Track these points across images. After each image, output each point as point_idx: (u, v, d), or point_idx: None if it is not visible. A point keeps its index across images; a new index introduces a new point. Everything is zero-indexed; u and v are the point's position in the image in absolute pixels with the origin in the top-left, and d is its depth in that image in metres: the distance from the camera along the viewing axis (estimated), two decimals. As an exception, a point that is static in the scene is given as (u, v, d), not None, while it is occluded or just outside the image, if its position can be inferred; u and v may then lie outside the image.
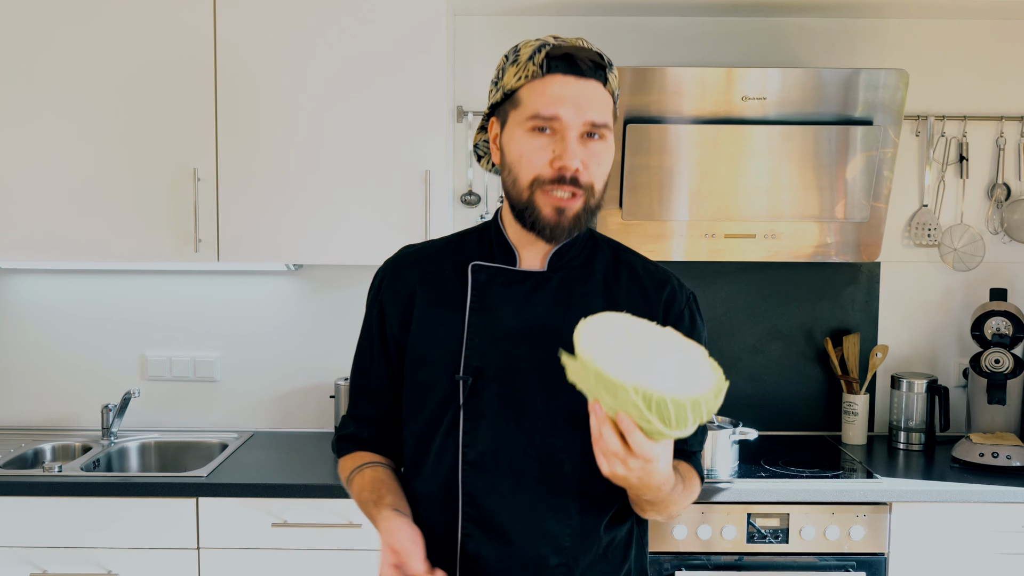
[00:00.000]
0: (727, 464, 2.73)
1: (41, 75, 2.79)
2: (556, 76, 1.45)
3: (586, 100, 1.45)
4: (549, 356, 1.48)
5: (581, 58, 1.46)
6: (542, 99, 1.45)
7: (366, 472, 1.62)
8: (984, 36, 3.15)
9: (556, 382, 1.45)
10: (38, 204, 2.82)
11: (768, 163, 2.86)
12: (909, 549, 2.64)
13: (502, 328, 1.53)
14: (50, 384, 3.21)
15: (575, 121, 1.45)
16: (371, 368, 1.65)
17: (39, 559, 2.61)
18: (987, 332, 2.99)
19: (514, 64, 1.49)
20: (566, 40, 1.49)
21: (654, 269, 1.64)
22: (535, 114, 1.45)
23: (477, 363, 1.52)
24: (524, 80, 1.47)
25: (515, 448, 1.51)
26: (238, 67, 2.78)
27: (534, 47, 1.48)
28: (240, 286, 3.20)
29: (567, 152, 1.45)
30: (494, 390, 1.51)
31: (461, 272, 1.58)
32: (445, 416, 1.53)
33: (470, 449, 1.52)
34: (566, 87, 1.45)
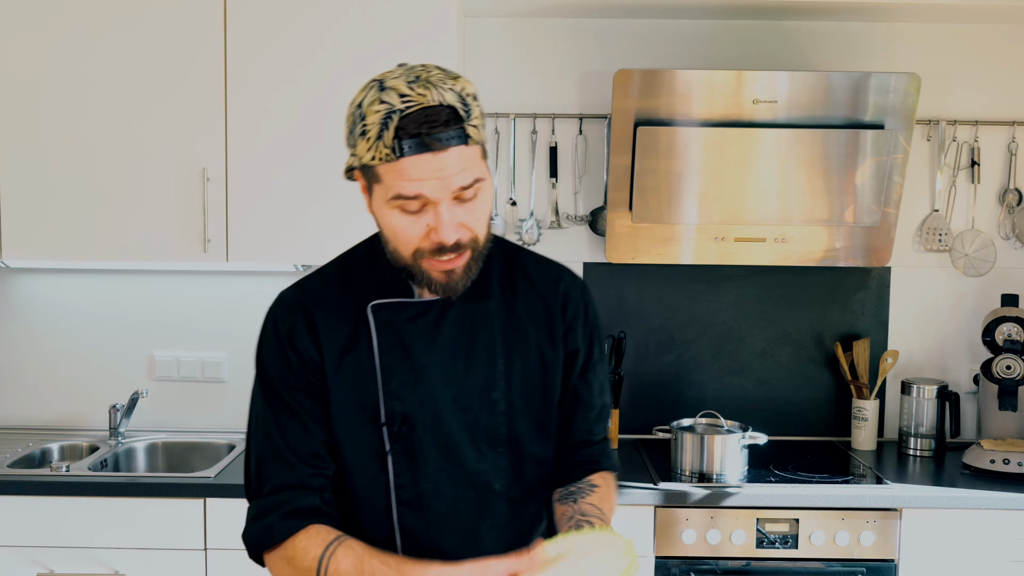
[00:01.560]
0: (736, 469, 2.72)
1: (49, 73, 2.79)
2: (411, 158, 1.34)
3: (448, 171, 1.35)
4: (463, 385, 1.51)
5: (434, 134, 1.33)
6: (401, 181, 1.35)
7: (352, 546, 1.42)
8: (996, 41, 3.14)
9: (474, 407, 1.52)
10: (46, 203, 2.81)
11: (778, 167, 2.85)
12: (919, 556, 2.62)
13: (415, 366, 1.50)
14: (58, 384, 3.21)
15: (441, 194, 1.36)
16: (304, 413, 1.50)
17: (46, 559, 2.61)
18: (998, 338, 2.98)
19: (363, 137, 1.36)
20: (414, 98, 1.33)
21: (545, 267, 1.64)
22: (397, 195, 1.37)
23: (398, 407, 1.49)
24: (379, 160, 1.36)
25: (448, 482, 1.52)
26: (248, 67, 2.78)
27: (380, 119, 1.34)
28: (248, 287, 3.19)
29: (440, 227, 1.38)
30: (419, 431, 1.50)
31: (360, 312, 1.51)
32: (372, 462, 1.51)
33: (403, 491, 1.51)
34: (424, 166, 1.34)
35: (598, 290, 3.16)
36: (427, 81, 1.35)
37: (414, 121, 1.32)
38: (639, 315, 3.17)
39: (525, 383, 1.56)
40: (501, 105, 3.13)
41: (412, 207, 1.37)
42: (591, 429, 1.65)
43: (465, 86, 1.38)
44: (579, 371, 1.63)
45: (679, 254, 3.01)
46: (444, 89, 1.35)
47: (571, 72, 3.14)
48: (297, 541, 1.43)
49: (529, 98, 3.14)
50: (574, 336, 1.61)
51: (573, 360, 1.62)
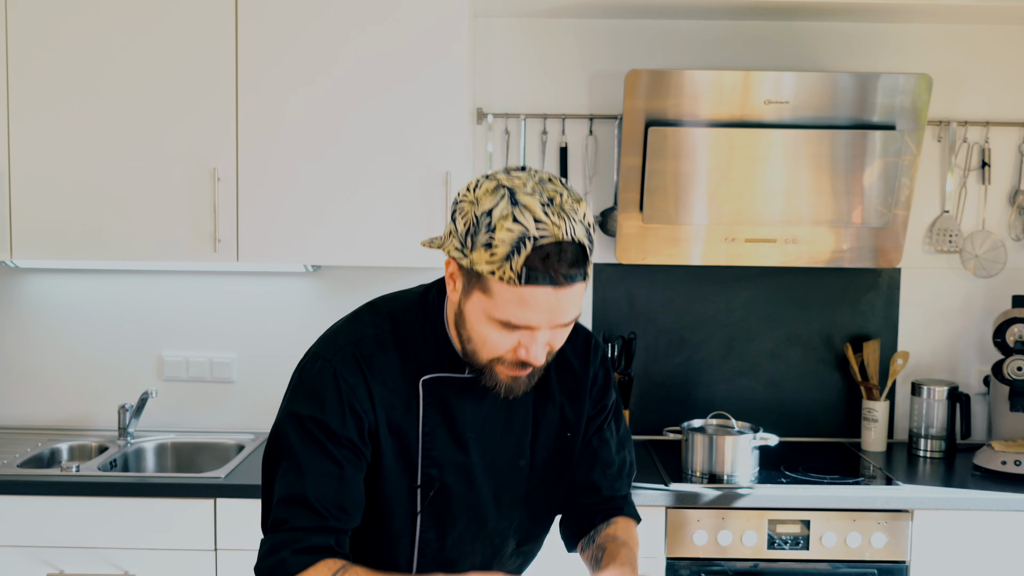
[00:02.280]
0: (747, 470, 2.71)
1: (60, 73, 2.79)
2: (535, 288, 1.33)
3: (563, 309, 1.36)
4: (495, 453, 1.57)
5: (563, 272, 1.32)
6: (516, 309, 1.35)
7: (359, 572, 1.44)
8: (1007, 42, 3.13)
9: (501, 474, 1.58)
10: (58, 203, 2.81)
11: (788, 167, 2.85)
12: (931, 557, 2.61)
13: (455, 437, 1.54)
14: (67, 384, 3.21)
15: (548, 326, 1.38)
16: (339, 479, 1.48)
17: (56, 559, 2.61)
18: (1009, 339, 2.97)
19: (487, 249, 1.33)
20: (548, 228, 1.31)
21: (575, 338, 1.64)
22: (506, 321, 1.37)
23: (435, 474, 1.53)
24: (497, 279, 1.34)
25: (469, 543, 1.60)
26: (259, 68, 2.78)
27: (512, 240, 1.31)
28: (258, 287, 3.19)
29: (534, 353, 1.40)
30: (449, 498, 1.55)
31: (412, 382, 1.52)
32: (402, 520, 1.55)
33: (428, 547, 1.57)
34: (543, 300, 1.34)
35: (608, 291, 3.16)
36: (561, 209, 1.33)
37: (546, 255, 1.31)
38: (649, 316, 3.17)
39: (547, 447, 1.62)
40: (511, 106, 3.13)
41: (511, 328, 1.38)
42: (613, 486, 1.70)
43: (587, 213, 1.37)
44: (596, 428, 1.68)
45: (689, 255, 3.01)
46: (575, 221, 1.34)
47: (581, 72, 3.14)
48: (307, 572, 1.44)
49: (539, 98, 3.13)
50: (592, 400, 1.67)
51: (594, 418, 1.68)
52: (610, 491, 1.70)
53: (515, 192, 1.34)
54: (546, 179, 1.38)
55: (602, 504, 1.71)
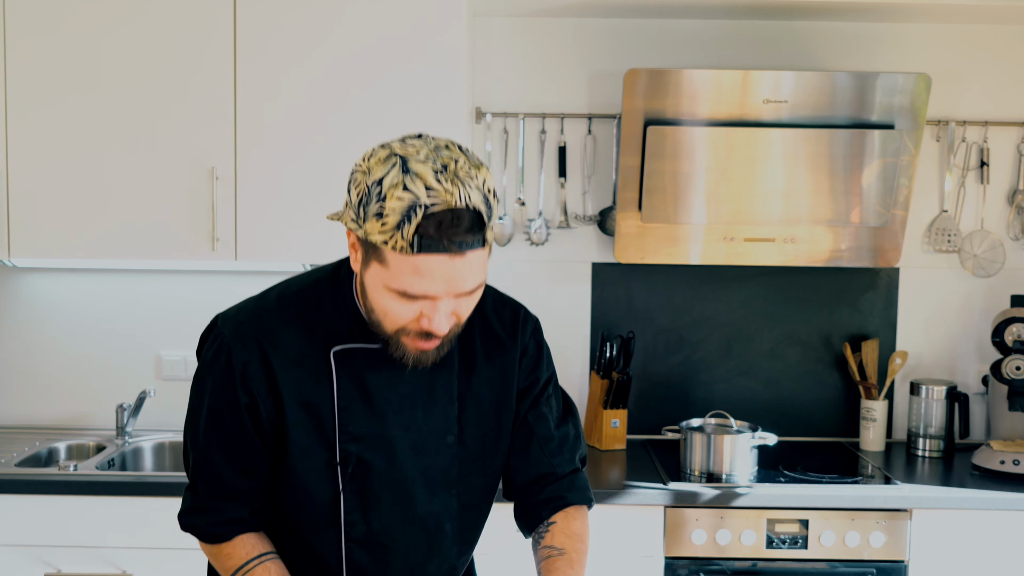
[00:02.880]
0: (746, 469, 2.71)
1: (57, 71, 2.78)
2: (428, 256, 1.30)
3: (461, 276, 1.33)
4: (420, 430, 1.52)
5: (456, 240, 1.29)
6: (411, 279, 1.32)
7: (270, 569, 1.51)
8: (1006, 41, 3.13)
9: (429, 452, 1.53)
10: (56, 202, 2.81)
11: (787, 167, 2.85)
12: (929, 557, 2.61)
13: (373, 410, 1.50)
14: (65, 383, 3.20)
15: (446, 295, 1.35)
16: (247, 444, 1.50)
17: (54, 558, 2.60)
18: (1008, 339, 2.97)
19: (378, 219, 1.31)
20: (440, 195, 1.28)
21: (501, 308, 1.63)
22: (403, 291, 1.34)
23: (353, 449, 1.50)
24: (390, 249, 1.31)
25: (399, 523, 1.54)
26: (257, 67, 2.77)
27: (403, 208, 1.28)
28: (256, 287, 3.15)
29: (436, 323, 1.37)
30: (372, 472, 1.51)
31: (322, 354, 1.49)
32: (324, 499, 1.52)
33: (354, 529, 1.53)
34: (437, 268, 1.31)
35: (606, 290, 3.16)
36: (455, 175, 1.30)
37: (438, 223, 1.28)
38: (648, 315, 3.17)
39: (478, 425, 1.58)
40: (510, 105, 3.12)
41: (411, 297, 1.35)
42: (551, 462, 1.64)
43: (487, 179, 1.34)
44: (530, 403, 1.63)
45: (688, 254, 3.01)
46: (471, 187, 1.30)
47: (580, 72, 3.13)
48: (228, 548, 1.53)
49: (538, 98, 3.13)
50: (523, 372, 1.63)
51: (526, 393, 1.63)
52: (549, 468, 1.63)
53: (407, 160, 1.31)
54: (442, 145, 1.35)
55: (546, 486, 1.64)
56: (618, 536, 2.58)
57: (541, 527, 1.62)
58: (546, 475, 1.64)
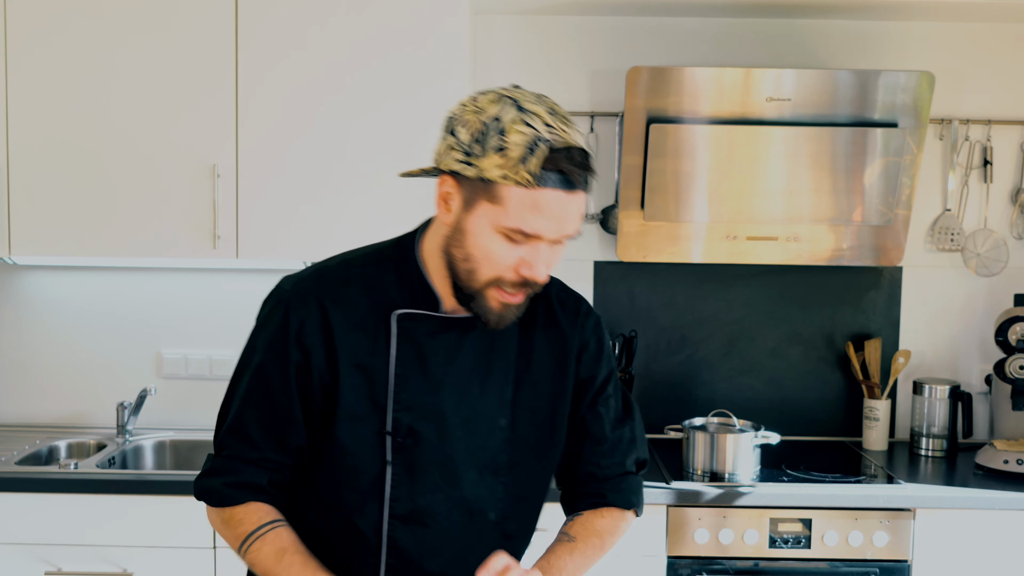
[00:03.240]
0: (748, 468, 2.70)
1: (59, 68, 2.78)
2: (548, 191, 1.31)
3: (571, 215, 1.35)
4: (473, 408, 1.49)
5: (577, 171, 1.32)
6: (529, 215, 1.32)
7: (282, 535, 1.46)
8: (1009, 40, 3.12)
9: (480, 432, 1.50)
10: (57, 199, 2.80)
11: (790, 165, 2.84)
12: (933, 556, 2.60)
13: (429, 381, 1.47)
14: (66, 381, 3.19)
15: (554, 235, 1.36)
16: (285, 409, 1.47)
17: (54, 557, 2.59)
18: (1011, 338, 2.96)
19: (499, 152, 1.31)
20: (558, 133, 1.32)
21: (565, 297, 1.61)
22: (518, 229, 1.34)
23: (405, 419, 1.46)
24: (511, 182, 1.31)
25: (444, 503, 1.50)
26: (260, 64, 2.77)
27: (527, 142, 1.30)
28: (258, 285, 3.15)
29: (538, 264, 1.37)
30: (423, 446, 1.47)
31: (382, 317, 1.47)
32: (370, 471, 1.48)
33: (398, 504, 1.48)
34: (556, 204, 1.33)
35: (609, 288, 3.15)
36: (564, 118, 1.34)
37: (564, 157, 1.31)
38: (650, 314, 3.16)
39: (532, 413, 1.55)
40: (512, 103, 3.11)
41: (519, 238, 1.35)
42: (599, 463, 1.62)
43: None
44: (588, 402, 1.61)
45: (690, 253, 3.00)
46: (576, 131, 1.35)
47: (582, 70, 3.13)
48: (235, 510, 1.47)
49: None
50: (583, 367, 1.61)
51: (584, 389, 1.61)
52: (596, 468, 1.61)
53: (519, 101, 1.34)
54: (541, 95, 1.38)
55: (589, 484, 1.62)
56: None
57: (570, 517, 1.63)
58: (591, 475, 1.62)
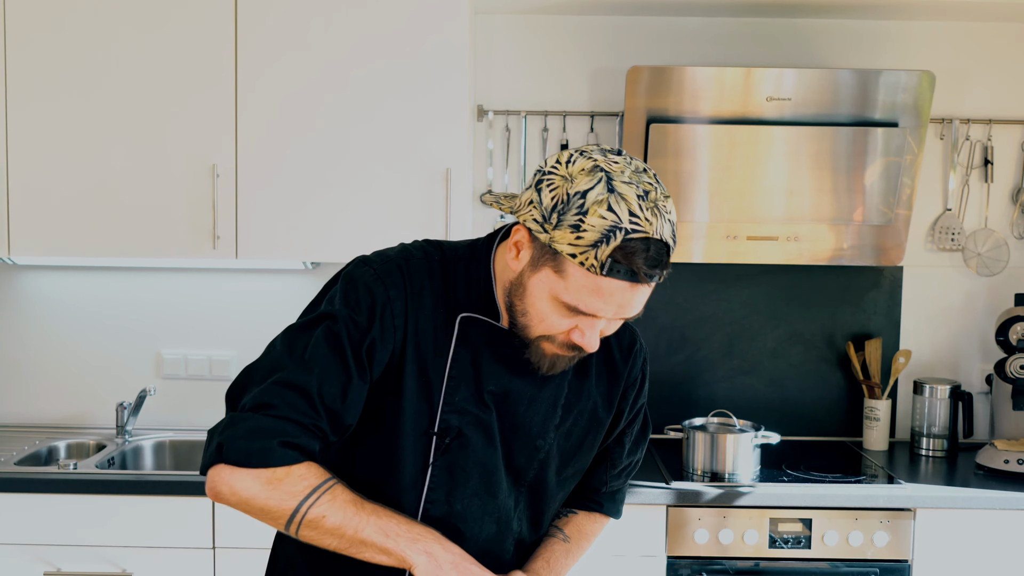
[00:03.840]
0: (749, 468, 2.70)
1: (59, 70, 2.77)
2: (614, 281, 1.29)
3: (634, 305, 1.33)
4: (519, 423, 1.49)
5: (649, 269, 1.29)
6: (588, 297, 1.31)
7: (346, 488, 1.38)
8: (1010, 39, 3.12)
9: (519, 446, 1.51)
10: (56, 200, 2.80)
11: (790, 164, 2.83)
12: (933, 556, 2.60)
13: (480, 388, 1.46)
14: (65, 381, 3.19)
15: (612, 318, 1.35)
16: (352, 382, 1.40)
17: (53, 557, 2.59)
18: (1012, 337, 2.95)
19: (573, 230, 1.28)
20: (641, 224, 1.27)
21: (622, 332, 1.60)
22: (574, 307, 1.32)
23: (454, 421, 1.45)
24: (577, 263, 1.29)
25: (479, 509, 1.50)
26: (259, 64, 2.76)
27: (604, 228, 1.26)
28: (257, 285, 3.18)
29: (589, 339, 1.36)
30: (466, 452, 1.46)
31: (447, 316, 1.45)
32: (411, 469, 1.45)
33: (433, 507, 1.47)
34: (618, 294, 1.30)
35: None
36: (655, 204, 1.29)
37: (635, 252, 1.27)
38: (650, 314, 3.11)
39: (568, 439, 1.56)
40: (512, 102, 3.11)
41: (575, 313, 1.34)
42: (608, 482, 1.70)
43: (673, 211, 1.33)
44: (619, 432, 1.66)
45: (690, 252, 2.99)
46: (665, 219, 1.30)
47: (583, 69, 3.12)
48: (290, 468, 1.34)
49: (540, 95, 3.12)
50: (625, 401, 1.63)
51: (618, 420, 1.64)
52: (602, 484, 1.70)
53: (612, 178, 1.29)
54: (641, 169, 1.33)
55: (590, 495, 1.71)
56: (620, 535, 2.56)
57: (563, 512, 1.68)
58: (595, 489, 1.70)
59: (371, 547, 1.34)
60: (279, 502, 1.33)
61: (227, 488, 1.33)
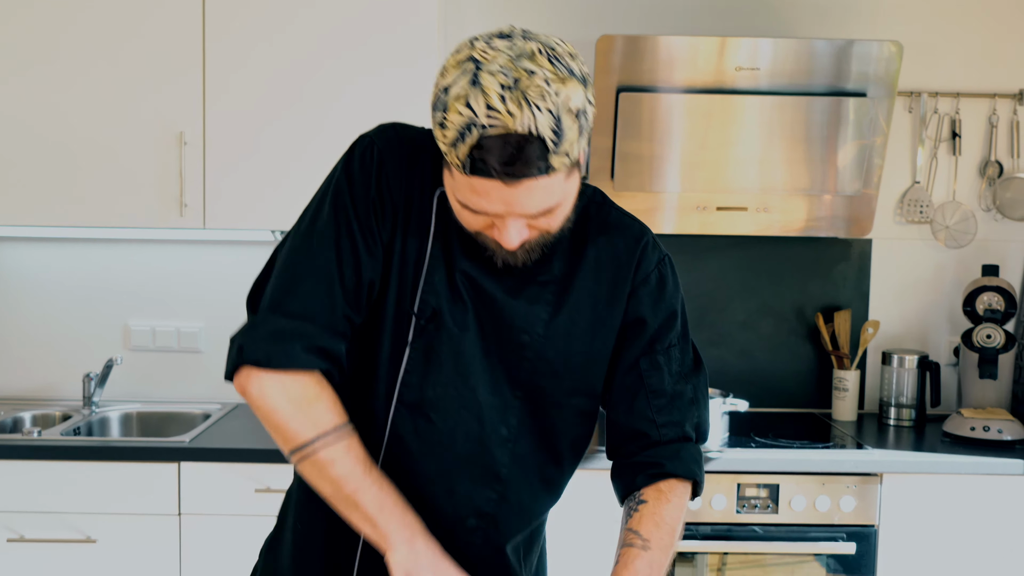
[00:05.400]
0: (717, 434, 2.70)
1: (23, 33, 2.75)
2: (482, 180, 1.22)
3: (519, 202, 1.24)
4: (501, 310, 1.40)
5: (507, 170, 1.20)
6: (469, 195, 1.25)
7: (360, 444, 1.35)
8: (977, 13, 3.15)
9: (503, 341, 1.41)
10: (21, 167, 2.78)
11: (760, 135, 2.85)
12: (900, 520, 2.61)
13: (460, 269, 1.39)
14: (31, 354, 3.16)
15: (507, 214, 1.26)
16: (356, 262, 1.35)
17: (17, 524, 2.57)
18: (979, 307, 2.98)
19: (440, 128, 1.23)
20: (500, 118, 1.18)
21: (629, 223, 1.48)
22: (465, 204, 1.27)
23: (432, 301, 1.37)
24: (449, 161, 1.25)
25: (455, 399, 1.40)
26: (227, 30, 2.75)
27: (460, 125, 1.20)
28: (225, 256, 3.16)
29: (505, 238, 1.29)
30: (443, 334, 1.38)
31: (428, 195, 1.39)
32: (388, 349, 1.39)
33: (408, 391, 1.39)
34: (495, 192, 1.23)
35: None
36: (523, 94, 1.18)
37: (490, 149, 1.19)
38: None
39: (565, 338, 1.43)
40: (482, 73, 3.11)
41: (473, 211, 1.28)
42: (655, 420, 1.45)
43: (570, 98, 1.20)
44: (644, 346, 1.45)
45: (661, 223, 2.99)
46: (540, 109, 1.18)
47: (553, 40, 3.12)
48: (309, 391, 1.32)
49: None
50: (638, 302, 1.45)
51: (636, 331, 1.45)
52: (650, 427, 1.45)
53: (480, 69, 1.20)
54: (527, 53, 1.21)
55: (644, 448, 1.45)
56: (591, 500, 2.55)
57: (632, 501, 1.44)
58: (644, 434, 1.45)
59: (360, 512, 1.31)
60: (298, 426, 1.31)
61: (257, 391, 1.33)
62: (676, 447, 1.44)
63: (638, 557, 1.36)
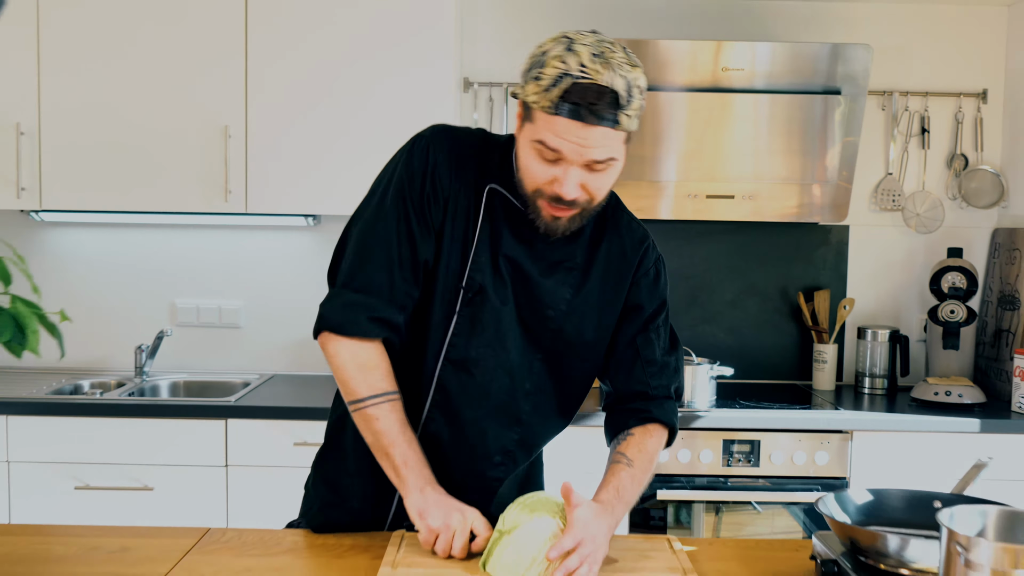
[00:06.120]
0: (705, 398, 3.01)
1: (87, 34, 3.08)
2: (562, 119, 1.49)
3: (589, 144, 1.50)
4: (531, 289, 1.69)
5: (591, 110, 1.48)
6: (548, 134, 1.51)
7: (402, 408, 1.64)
8: (946, 19, 3.46)
9: (530, 308, 1.72)
10: (84, 157, 3.10)
11: (745, 129, 3.15)
12: (868, 474, 2.91)
13: (500, 251, 1.67)
14: (87, 329, 3.48)
15: (577, 159, 1.52)
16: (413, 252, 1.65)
17: (83, 474, 2.88)
18: (944, 286, 3.28)
19: (536, 81, 1.51)
20: (589, 72, 1.48)
21: (636, 227, 1.79)
22: (542, 141, 1.52)
23: (478, 279, 1.66)
24: (538, 108, 1.51)
25: (492, 359, 1.69)
26: (267, 33, 3.08)
27: (554, 76, 1.49)
28: (263, 240, 3.48)
29: (565, 184, 1.54)
30: (487, 305, 1.67)
31: (479, 188, 1.67)
32: (439, 315, 1.67)
33: (454, 351, 1.68)
34: (571, 131, 1.49)
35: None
36: (607, 60, 1.49)
37: (580, 92, 1.47)
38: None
39: (582, 316, 1.73)
40: (494, 74, 3.43)
41: (548, 156, 1.53)
42: (649, 383, 1.76)
43: (638, 78, 1.51)
44: (640, 326, 1.76)
45: (657, 210, 3.29)
46: (617, 74, 1.49)
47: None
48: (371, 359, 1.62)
49: (520, 67, 3.41)
50: (638, 291, 1.76)
51: (635, 314, 1.77)
52: (645, 386, 1.76)
53: (573, 41, 1.51)
54: (609, 41, 1.53)
55: (637, 400, 1.76)
56: (587, 454, 2.85)
57: (621, 435, 1.75)
58: (640, 393, 1.76)
59: (390, 461, 1.61)
60: (356, 385, 1.62)
61: (332, 351, 1.64)
62: (661, 401, 1.78)
63: (623, 470, 1.69)
